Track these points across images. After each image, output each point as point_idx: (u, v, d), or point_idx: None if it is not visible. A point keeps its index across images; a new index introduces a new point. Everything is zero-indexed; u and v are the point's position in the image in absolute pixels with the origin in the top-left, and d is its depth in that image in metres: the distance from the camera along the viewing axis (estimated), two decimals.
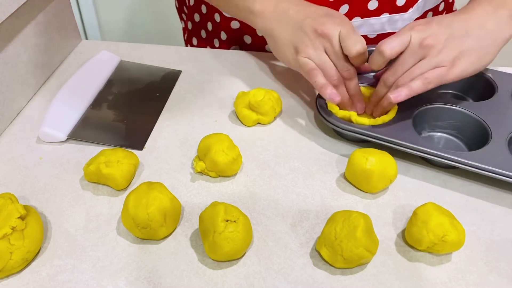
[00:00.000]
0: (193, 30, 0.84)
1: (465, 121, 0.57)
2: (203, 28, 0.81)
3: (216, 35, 0.79)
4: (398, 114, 0.56)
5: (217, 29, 0.78)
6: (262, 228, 0.48)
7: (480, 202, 0.51)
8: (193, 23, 0.83)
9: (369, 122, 0.55)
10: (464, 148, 0.58)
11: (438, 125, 0.59)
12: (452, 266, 0.45)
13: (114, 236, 0.47)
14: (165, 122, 0.61)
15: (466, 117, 0.57)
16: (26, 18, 0.61)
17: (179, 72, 0.71)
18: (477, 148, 0.53)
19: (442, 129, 0.59)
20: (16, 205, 0.43)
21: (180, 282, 0.43)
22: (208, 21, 0.79)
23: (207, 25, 0.79)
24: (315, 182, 0.53)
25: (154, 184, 0.47)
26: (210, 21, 0.78)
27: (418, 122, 0.57)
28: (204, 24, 0.80)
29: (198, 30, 0.82)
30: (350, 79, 0.57)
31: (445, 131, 0.59)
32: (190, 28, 0.84)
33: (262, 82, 0.69)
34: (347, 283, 0.43)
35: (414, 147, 0.52)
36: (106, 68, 0.69)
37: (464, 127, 0.58)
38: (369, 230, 0.43)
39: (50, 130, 0.56)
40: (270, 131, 0.60)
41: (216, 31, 0.78)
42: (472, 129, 0.57)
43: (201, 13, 0.79)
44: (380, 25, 0.72)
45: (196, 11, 0.80)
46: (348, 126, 0.55)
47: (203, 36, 0.82)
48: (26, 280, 0.43)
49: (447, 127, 0.59)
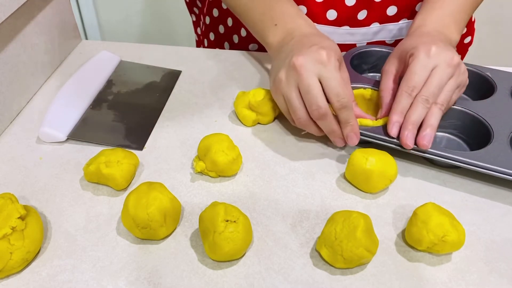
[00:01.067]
0: (211, 25, 0.82)
1: (466, 120, 0.57)
2: (222, 23, 0.80)
3: (236, 31, 0.78)
4: None
5: (237, 25, 0.77)
6: (262, 228, 0.48)
7: (480, 202, 0.51)
8: (211, 18, 0.81)
9: (373, 124, 0.55)
10: (465, 147, 0.58)
11: (440, 124, 0.59)
12: (452, 266, 0.45)
13: (114, 236, 0.47)
14: (165, 122, 0.61)
15: (467, 116, 0.57)
16: (26, 18, 0.61)
17: (179, 72, 0.71)
18: (478, 147, 0.53)
19: (444, 128, 0.59)
20: (16, 205, 0.43)
21: (180, 282, 0.43)
22: (228, 17, 0.78)
23: (227, 21, 0.78)
24: (315, 182, 0.53)
25: (154, 184, 0.47)
26: (230, 17, 0.78)
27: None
28: (224, 20, 0.79)
29: (216, 26, 0.81)
30: (321, 118, 0.52)
31: (446, 131, 0.59)
32: (208, 23, 0.83)
33: (262, 82, 0.69)
34: (347, 283, 0.43)
35: (418, 148, 0.52)
36: (106, 68, 0.69)
37: (465, 127, 0.58)
38: (369, 230, 0.43)
39: (50, 130, 0.56)
40: (270, 131, 0.60)
41: (236, 27, 0.77)
42: (474, 128, 0.57)
43: (222, 8, 0.78)
44: (398, 30, 0.71)
45: (215, 6, 0.79)
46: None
47: (221, 32, 0.80)
48: (26, 280, 0.43)
49: (448, 127, 0.59)
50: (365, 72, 0.69)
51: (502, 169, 0.49)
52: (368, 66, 0.69)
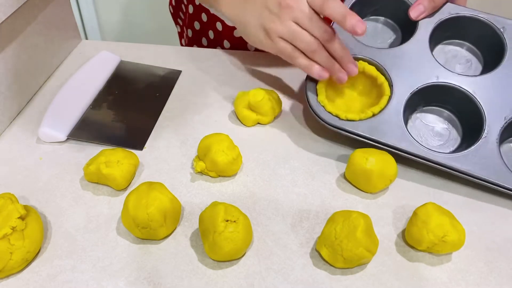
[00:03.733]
0: (193, 38, 0.83)
1: (460, 98, 0.56)
2: (205, 36, 0.80)
3: (219, 43, 0.78)
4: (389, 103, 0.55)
5: (219, 37, 0.77)
6: (262, 228, 0.48)
7: (480, 202, 0.51)
8: (194, 31, 0.82)
9: (359, 117, 0.54)
10: (459, 126, 0.57)
11: (434, 100, 0.58)
12: (452, 266, 0.45)
13: (114, 236, 0.47)
14: (165, 122, 0.61)
15: (461, 95, 0.55)
16: (26, 18, 0.61)
17: (179, 72, 0.71)
18: (470, 129, 0.53)
19: (440, 102, 0.58)
20: (16, 205, 0.43)
21: (180, 282, 0.43)
22: (209, 30, 0.78)
23: (209, 34, 0.79)
24: (315, 182, 0.53)
25: (154, 184, 0.47)
26: (211, 30, 0.78)
27: (411, 104, 0.56)
28: (206, 32, 0.79)
29: (199, 38, 0.82)
30: (331, 40, 0.53)
31: (443, 106, 0.58)
32: (191, 36, 0.83)
33: (262, 82, 0.69)
34: (347, 283, 0.43)
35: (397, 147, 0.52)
36: (106, 68, 0.69)
37: (459, 104, 0.56)
38: (369, 230, 0.43)
39: (50, 130, 0.56)
40: (270, 131, 0.60)
41: (218, 40, 0.78)
42: (467, 108, 0.55)
43: (202, 21, 0.79)
44: None
45: (196, 19, 0.80)
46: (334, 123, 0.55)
47: (205, 44, 0.81)
48: (26, 280, 0.43)
49: (443, 102, 0.58)
50: (367, 16, 0.66)
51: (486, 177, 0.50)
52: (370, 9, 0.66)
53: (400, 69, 0.57)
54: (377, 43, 0.63)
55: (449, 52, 0.61)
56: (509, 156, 0.55)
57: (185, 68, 0.71)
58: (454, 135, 0.57)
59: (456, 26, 0.59)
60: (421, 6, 0.58)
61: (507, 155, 0.55)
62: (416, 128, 0.57)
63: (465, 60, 0.60)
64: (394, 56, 0.58)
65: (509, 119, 0.53)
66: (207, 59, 0.73)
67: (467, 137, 0.55)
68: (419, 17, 0.58)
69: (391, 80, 0.56)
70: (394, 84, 0.56)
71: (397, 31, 0.64)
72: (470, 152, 0.52)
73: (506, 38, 0.57)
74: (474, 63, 0.60)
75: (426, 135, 0.57)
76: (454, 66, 0.60)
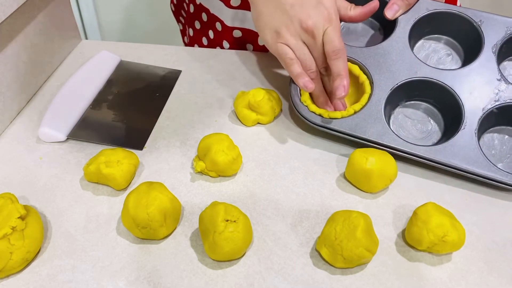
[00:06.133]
0: (194, 37, 0.83)
1: (440, 92, 0.57)
2: (205, 35, 0.80)
3: (218, 43, 0.78)
4: (370, 100, 0.56)
5: (219, 38, 0.77)
6: (262, 228, 0.48)
7: (480, 202, 0.51)
8: (194, 30, 0.82)
9: (341, 115, 0.56)
10: (440, 119, 0.58)
11: (415, 95, 0.59)
12: (452, 266, 0.45)
13: (114, 236, 0.47)
14: (165, 122, 0.61)
15: (440, 88, 0.56)
16: (26, 18, 0.61)
17: (179, 72, 0.71)
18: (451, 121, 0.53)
19: (421, 97, 0.59)
20: (16, 205, 0.43)
21: (180, 282, 0.43)
22: (209, 29, 0.78)
23: (209, 33, 0.79)
24: (315, 182, 0.53)
25: (154, 184, 0.47)
26: (211, 30, 0.78)
27: (393, 99, 0.57)
28: (206, 32, 0.79)
29: (200, 38, 0.82)
30: (329, 75, 0.56)
31: (424, 100, 0.59)
32: (192, 35, 0.84)
33: (262, 82, 0.69)
34: (347, 283, 0.43)
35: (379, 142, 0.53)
36: (106, 68, 0.69)
37: (440, 98, 0.57)
38: (369, 230, 0.43)
39: (50, 130, 0.56)
40: (270, 131, 0.60)
41: (218, 40, 0.78)
42: (447, 101, 0.56)
43: (202, 21, 0.79)
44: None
45: (197, 19, 0.80)
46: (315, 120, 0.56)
47: (205, 44, 0.81)
48: (26, 280, 0.43)
49: (424, 96, 0.59)
50: None
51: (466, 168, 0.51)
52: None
53: (381, 66, 0.58)
54: (359, 43, 0.65)
55: (429, 47, 0.62)
56: (489, 146, 0.56)
57: (185, 68, 0.71)
58: (436, 128, 0.58)
59: (435, 22, 0.61)
60: (395, 5, 0.60)
61: (488, 145, 0.56)
62: (399, 123, 0.58)
63: (445, 54, 0.62)
64: (375, 54, 0.59)
65: (487, 110, 0.54)
66: (207, 59, 0.73)
67: (449, 129, 0.56)
68: (395, 15, 0.60)
69: (372, 77, 0.57)
70: (374, 82, 0.57)
71: (380, 30, 0.65)
72: (450, 144, 0.52)
73: (483, 31, 0.58)
74: (454, 57, 0.61)
75: (408, 129, 0.58)
76: (435, 61, 0.61)
